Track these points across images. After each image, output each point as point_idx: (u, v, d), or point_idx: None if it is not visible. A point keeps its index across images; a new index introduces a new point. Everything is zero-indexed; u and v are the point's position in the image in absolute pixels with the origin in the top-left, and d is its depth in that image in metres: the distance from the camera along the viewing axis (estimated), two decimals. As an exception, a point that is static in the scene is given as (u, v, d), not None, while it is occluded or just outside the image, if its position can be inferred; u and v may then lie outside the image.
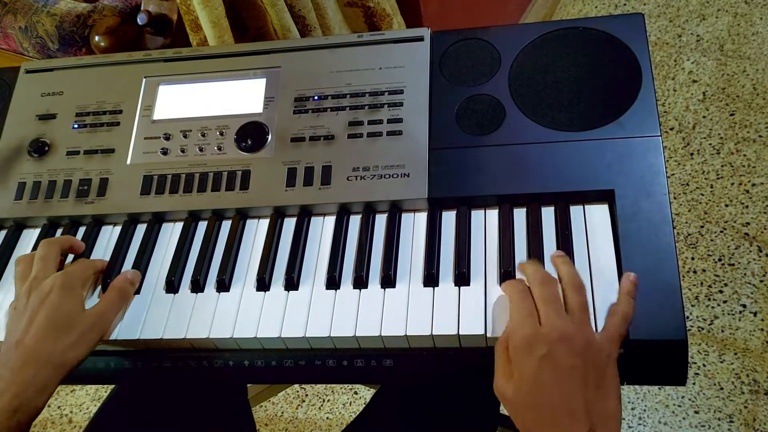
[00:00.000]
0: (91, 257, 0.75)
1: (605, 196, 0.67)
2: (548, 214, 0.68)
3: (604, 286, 0.62)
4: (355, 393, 1.49)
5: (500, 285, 0.64)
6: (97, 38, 1.23)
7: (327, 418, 1.47)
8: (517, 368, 0.55)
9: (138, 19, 1.17)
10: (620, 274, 0.62)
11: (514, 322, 0.57)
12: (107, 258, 0.74)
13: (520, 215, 0.69)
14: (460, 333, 0.62)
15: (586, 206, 0.68)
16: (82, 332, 0.63)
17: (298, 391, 1.52)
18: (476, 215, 0.70)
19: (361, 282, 0.67)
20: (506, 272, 0.64)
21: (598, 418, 0.52)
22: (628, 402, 1.35)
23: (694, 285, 1.45)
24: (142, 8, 1.21)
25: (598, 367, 0.54)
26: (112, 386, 0.84)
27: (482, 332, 0.62)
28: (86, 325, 0.64)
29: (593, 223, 0.67)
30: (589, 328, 0.56)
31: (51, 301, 0.64)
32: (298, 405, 1.50)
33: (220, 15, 1.07)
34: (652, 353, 0.59)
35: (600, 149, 0.68)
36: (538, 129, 0.70)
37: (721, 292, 1.43)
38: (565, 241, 0.65)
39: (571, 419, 0.52)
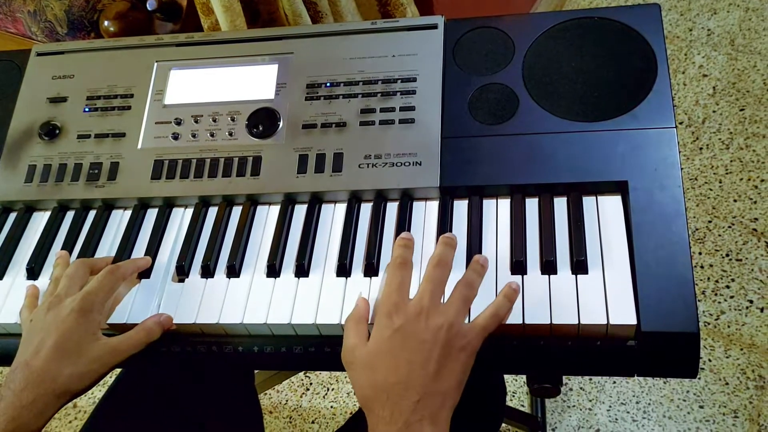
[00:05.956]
0: (101, 241, 0.75)
1: (618, 188, 0.67)
2: (561, 204, 0.68)
3: (616, 278, 0.62)
4: (360, 382, 1.49)
5: (512, 274, 0.64)
6: (106, 23, 1.22)
7: (331, 406, 1.48)
8: (375, 333, 0.59)
9: (147, 5, 1.17)
10: (633, 266, 0.62)
11: (384, 291, 0.61)
12: (117, 242, 0.74)
13: (532, 205, 0.68)
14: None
15: (599, 197, 0.67)
16: (89, 363, 0.62)
17: (302, 380, 1.52)
18: (488, 205, 0.69)
19: (371, 270, 0.67)
20: (518, 262, 0.64)
21: (428, 391, 0.55)
22: (633, 396, 1.35)
23: (701, 280, 1.44)
24: (152, -7, 1.21)
25: (449, 350, 0.56)
26: (119, 370, 0.84)
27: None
28: (95, 356, 0.63)
29: (606, 214, 0.66)
30: (457, 316, 0.58)
31: (65, 325, 0.62)
32: (303, 393, 1.50)
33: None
34: (664, 345, 0.59)
35: (614, 140, 0.68)
36: (552, 119, 0.70)
37: (728, 287, 1.43)
38: (577, 232, 0.65)
39: (403, 389, 0.55)
